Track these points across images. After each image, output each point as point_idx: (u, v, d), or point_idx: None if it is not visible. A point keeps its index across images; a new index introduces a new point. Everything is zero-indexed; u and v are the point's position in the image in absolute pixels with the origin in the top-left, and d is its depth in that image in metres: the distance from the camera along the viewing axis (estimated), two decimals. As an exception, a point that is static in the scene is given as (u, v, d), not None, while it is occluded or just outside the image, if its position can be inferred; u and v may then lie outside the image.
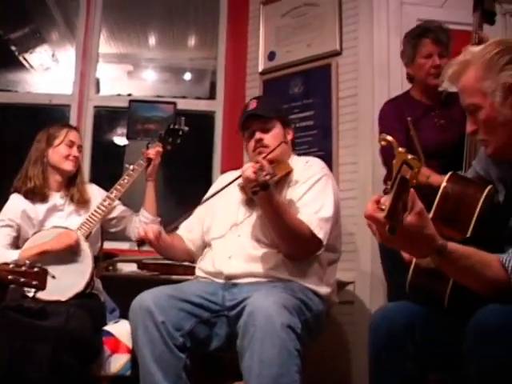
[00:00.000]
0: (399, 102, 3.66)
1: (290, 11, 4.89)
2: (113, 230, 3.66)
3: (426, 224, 1.66)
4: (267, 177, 2.63)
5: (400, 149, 1.52)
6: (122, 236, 3.74)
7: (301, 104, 4.63)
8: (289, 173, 3.07)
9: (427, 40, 3.50)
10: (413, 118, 3.46)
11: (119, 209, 3.64)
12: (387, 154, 3.26)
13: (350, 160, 4.29)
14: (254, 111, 3.17)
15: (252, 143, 3.16)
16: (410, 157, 1.50)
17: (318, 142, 4.50)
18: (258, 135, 3.13)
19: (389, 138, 1.57)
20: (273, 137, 3.13)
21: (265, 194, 2.69)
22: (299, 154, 3.47)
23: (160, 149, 3.65)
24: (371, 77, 4.32)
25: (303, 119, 4.59)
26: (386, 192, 1.59)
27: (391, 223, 1.54)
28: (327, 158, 4.26)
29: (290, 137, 3.27)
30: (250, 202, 3.06)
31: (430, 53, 3.49)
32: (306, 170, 3.10)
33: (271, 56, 4.92)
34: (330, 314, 3.23)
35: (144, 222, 3.58)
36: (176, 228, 3.11)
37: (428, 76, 3.49)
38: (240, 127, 3.26)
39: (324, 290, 2.98)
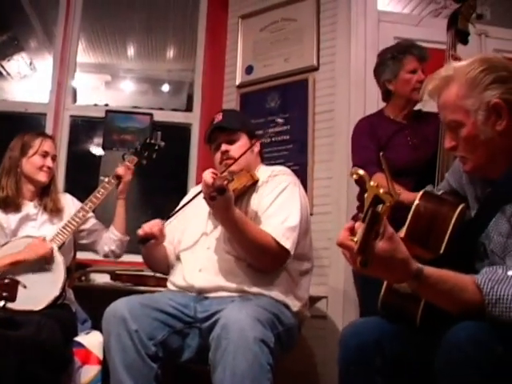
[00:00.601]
0: (373, 119, 3.68)
1: (268, 25, 4.91)
2: (82, 241, 3.62)
3: (398, 248, 1.65)
4: (224, 182, 2.62)
5: (372, 183, 1.52)
6: (92, 248, 3.70)
7: (277, 118, 4.56)
8: (254, 183, 3.07)
9: (413, 56, 3.55)
10: (386, 136, 3.52)
11: (91, 222, 3.61)
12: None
13: (325, 175, 4.30)
14: (219, 124, 3.19)
15: (218, 155, 3.18)
16: (381, 191, 1.51)
17: (294, 156, 4.52)
18: (223, 147, 3.15)
19: (360, 171, 1.58)
20: (239, 148, 3.13)
21: (222, 201, 2.67)
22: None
23: (130, 165, 3.61)
24: (348, 93, 4.34)
25: (279, 133, 4.60)
26: (354, 218, 1.60)
27: (363, 256, 1.54)
28: (302, 173, 4.30)
29: (256, 149, 3.27)
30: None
31: (415, 68, 3.54)
32: (272, 178, 3.11)
33: (249, 70, 4.93)
34: (302, 328, 3.22)
35: (112, 240, 3.57)
36: (148, 238, 3.07)
37: (413, 91, 3.51)
38: (207, 140, 3.27)
39: (294, 302, 2.98)
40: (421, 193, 2.21)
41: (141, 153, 3.70)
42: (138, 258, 3.43)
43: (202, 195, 2.83)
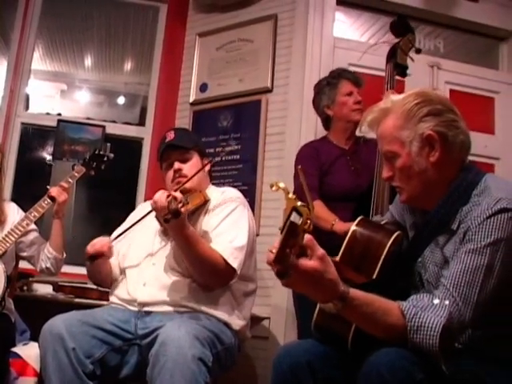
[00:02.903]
0: (316, 145, 3.75)
1: (225, 45, 4.93)
2: (21, 254, 3.56)
3: (328, 269, 1.67)
4: (179, 205, 2.61)
5: (290, 195, 1.55)
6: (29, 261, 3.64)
7: (229, 137, 4.66)
8: (205, 202, 3.07)
9: (347, 80, 3.68)
10: (328, 161, 3.58)
11: (33, 234, 3.56)
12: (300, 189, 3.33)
13: (272, 196, 4.30)
14: (172, 142, 3.18)
15: (171, 173, 3.16)
16: (299, 204, 1.53)
17: (243, 176, 4.53)
18: (176, 165, 3.14)
19: (281, 184, 1.59)
20: (191, 167, 3.14)
21: (176, 223, 2.67)
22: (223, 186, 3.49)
23: (65, 185, 3.55)
24: (299, 116, 4.38)
25: (230, 153, 4.61)
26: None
27: (279, 267, 1.55)
28: (251, 193, 4.32)
29: (207, 168, 3.27)
30: (166, 232, 3.06)
31: (350, 91, 3.65)
32: (222, 199, 3.11)
33: (203, 87, 4.94)
34: (243, 348, 3.23)
35: (47, 257, 3.51)
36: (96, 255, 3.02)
37: (351, 112, 3.61)
38: (158, 158, 3.27)
39: (236, 322, 2.98)
40: (358, 219, 2.25)
41: (89, 163, 3.67)
42: (82, 270, 3.40)
43: (153, 213, 2.84)
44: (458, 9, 4.89)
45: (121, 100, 7.21)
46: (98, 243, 3.01)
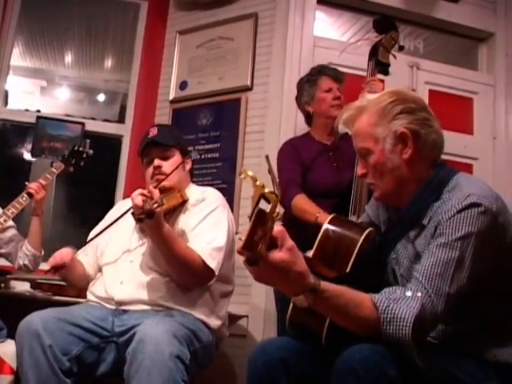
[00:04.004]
0: (297, 142, 3.77)
1: (205, 43, 4.93)
2: None
3: (298, 261, 1.69)
4: (154, 205, 2.60)
5: (258, 182, 1.56)
6: (7, 258, 3.64)
7: (208, 136, 4.67)
8: (184, 202, 3.08)
9: (327, 76, 3.71)
10: (310, 157, 3.59)
11: (11, 231, 3.56)
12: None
13: (252, 195, 4.29)
14: (153, 138, 3.17)
15: (150, 170, 3.16)
16: (267, 191, 1.54)
17: (222, 174, 4.54)
18: (156, 162, 3.13)
19: (249, 172, 1.60)
20: (171, 165, 3.13)
21: (151, 223, 2.68)
22: (203, 185, 3.49)
23: (43, 182, 3.54)
24: (279, 115, 4.39)
25: (209, 151, 4.62)
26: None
27: (248, 255, 1.57)
28: (230, 191, 4.32)
29: (188, 166, 3.28)
30: (143, 229, 3.05)
31: (330, 87, 3.67)
32: (201, 199, 3.11)
33: (183, 85, 4.94)
34: (221, 346, 3.23)
35: (25, 254, 3.51)
36: (59, 267, 2.98)
37: (331, 108, 3.63)
38: (139, 154, 3.26)
39: (214, 322, 2.98)
40: (330, 217, 2.28)
41: (68, 160, 3.68)
42: (60, 268, 3.37)
43: (131, 210, 2.82)
44: (437, 9, 4.92)
45: (101, 97, 7.20)
46: (58, 256, 2.98)
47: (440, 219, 1.91)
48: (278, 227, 1.62)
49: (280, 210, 1.58)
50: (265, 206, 1.55)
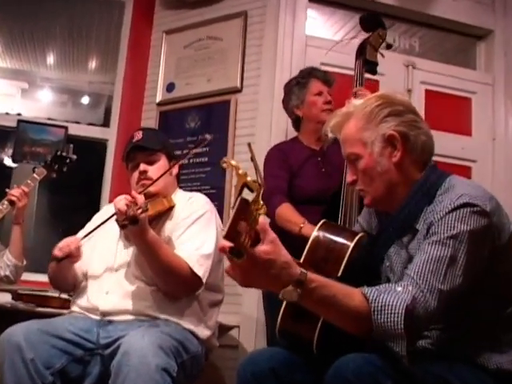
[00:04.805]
0: (284, 147, 3.81)
1: (193, 43, 4.95)
2: None
3: (282, 251, 1.72)
4: (138, 211, 2.62)
5: (240, 171, 1.59)
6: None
7: (196, 139, 4.65)
8: (171, 208, 3.09)
9: (316, 79, 3.74)
10: (297, 162, 3.62)
11: None
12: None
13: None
14: (138, 143, 3.18)
15: (136, 175, 3.16)
16: (249, 179, 1.57)
17: (211, 179, 4.55)
18: (142, 167, 3.14)
19: (233, 162, 1.63)
20: (158, 169, 3.13)
21: (135, 229, 2.69)
22: (191, 191, 3.49)
23: (26, 189, 3.56)
24: (269, 117, 4.42)
25: (198, 155, 4.62)
26: None
27: (232, 246, 1.59)
28: (219, 197, 4.33)
29: (175, 171, 3.28)
30: (129, 237, 3.04)
31: (320, 90, 3.70)
32: (189, 205, 3.12)
33: (170, 87, 4.96)
34: (211, 357, 3.24)
35: (6, 265, 3.52)
36: (65, 257, 2.97)
37: (321, 112, 3.65)
38: (124, 158, 3.26)
39: (203, 332, 2.98)
40: (321, 222, 2.30)
41: (51, 166, 3.69)
42: (43, 278, 3.39)
43: (115, 216, 2.83)
44: (434, 6, 4.94)
45: (85, 100, 7.21)
46: (65, 243, 2.98)
47: (432, 219, 1.94)
48: (261, 220, 1.63)
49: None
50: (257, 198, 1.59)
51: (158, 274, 2.87)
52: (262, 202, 1.58)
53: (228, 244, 1.59)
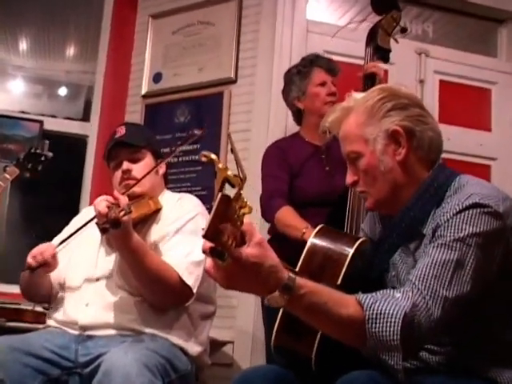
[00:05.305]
0: (285, 143, 3.81)
1: (182, 28, 4.97)
2: None
3: (269, 254, 1.71)
4: (120, 213, 2.62)
5: (220, 165, 1.60)
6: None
7: (186, 135, 4.60)
8: (157, 210, 3.11)
9: (320, 68, 3.73)
10: (298, 161, 3.62)
11: None
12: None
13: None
14: (121, 139, 3.17)
15: (118, 174, 3.16)
16: (230, 173, 1.58)
17: (203, 179, 4.57)
18: (125, 165, 3.13)
19: (213, 156, 1.63)
20: (142, 168, 3.13)
21: (117, 233, 2.69)
22: (180, 192, 3.50)
23: None
24: (267, 111, 4.44)
25: (188, 153, 4.64)
26: None
27: (213, 246, 1.59)
28: (211, 199, 4.25)
29: (162, 170, 3.30)
30: (111, 242, 3.03)
31: (323, 81, 3.70)
32: (177, 207, 3.13)
33: (157, 78, 4.99)
34: (202, 377, 3.23)
35: None
36: (39, 266, 2.96)
37: (325, 105, 3.64)
38: (106, 156, 3.26)
39: (193, 348, 2.98)
40: (318, 228, 2.33)
41: (23, 164, 3.69)
42: (14, 289, 3.39)
43: (95, 220, 2.80)
44: (449, -13, 4.93)
45: (62, 91, 7.19)
46: (39, 250, 2.96)
47: (438, 221, 1.95)
48: (246, 221, 1.64)
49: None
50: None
51: (143, 283, 2.86)
52: (245, 200, 1.59)
53: (208, 244, 1.59)
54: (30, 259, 2.94)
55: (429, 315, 1.81)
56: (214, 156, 1.63)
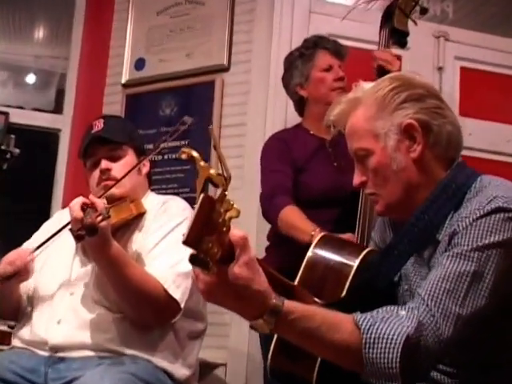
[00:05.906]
0: (286, 136, 3.79)
1: (168, 8, 4.99)
2: None
3: (257, 277, 1.68)
4: (98, 218, 2.61)
5: (202, 163, 1.61)
6: None
7: (173, 127, 4.58)
8: (140, 215, 3.11)
9: (325, 50, 3.72)
10: (303, 155, 3.61)
11: None
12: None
13: (227, 207, 4.34)
14: (99, 134, 3.17)
15: (96, 174, 3.15)
16: (213, 172, 1.59)
17: (191, 180, 4.47)
18: (103, 164, 3.12)
19: (194, 153, 1.63)
20: (123, 167, 3.12)
21: (94, 241, 2.68)
22: (166, 194, 3.54)
23: None
24: (264, 102, 4.45)
25: (175, 149, 4.55)
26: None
27: (196, 253, 1.56)
28: (202, 203, 4.33)
29: (145, 169, 3.31)
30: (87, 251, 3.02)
31: (329, 64, 3.69)
32: (162, 212, 3.13)
33: (139, 64, 5.00)
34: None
35: None
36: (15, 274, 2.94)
37: (331, 92, 3.62)
38: (81, 154, 3.26)
39: (180, 371, 2.96)
40: (318, 237, 2.36)
41: (-15, 162, 3.70)
42: (-23, 304, 3.40)
43: (69, 226, 2.78)
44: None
45: (30, 79, 7.21)
46: (9, 259, 2.95)
47: (456, 227, 1.93)
48: (238, 231, 1.63)
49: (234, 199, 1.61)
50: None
51: (123, 297, 2.85)
52: (232, 202, 1.59)
53: (190, 251, 1.56)
54: (5, 266, 2.92)
55: (438, 335, 1.80)
56: (195, 153, 1.63)
